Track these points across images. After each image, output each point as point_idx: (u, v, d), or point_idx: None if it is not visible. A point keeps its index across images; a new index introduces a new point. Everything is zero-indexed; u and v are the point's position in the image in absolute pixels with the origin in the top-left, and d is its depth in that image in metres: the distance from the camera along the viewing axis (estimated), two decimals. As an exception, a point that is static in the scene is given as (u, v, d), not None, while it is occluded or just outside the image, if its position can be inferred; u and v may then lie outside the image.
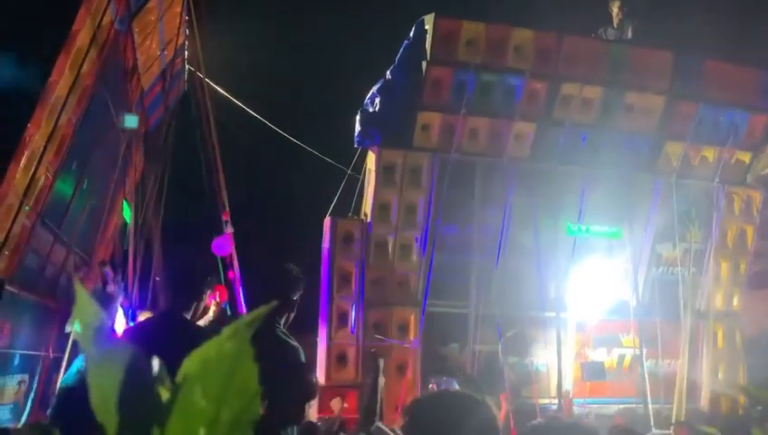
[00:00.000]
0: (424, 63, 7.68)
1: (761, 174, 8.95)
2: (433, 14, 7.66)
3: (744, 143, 8.84)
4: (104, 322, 0.54)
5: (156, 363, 0.54)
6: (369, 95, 8.00)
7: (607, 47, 8.20)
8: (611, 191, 8.38)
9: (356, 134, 7.96)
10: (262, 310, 0.55)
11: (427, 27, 7.72)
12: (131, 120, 5.31)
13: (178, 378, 0.52)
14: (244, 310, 8.42)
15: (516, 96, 7.96)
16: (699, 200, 8.85)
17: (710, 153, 8.84)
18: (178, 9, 8.08)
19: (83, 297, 0.55)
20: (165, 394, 0.52)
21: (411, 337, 7.93)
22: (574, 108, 8.16)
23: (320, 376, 7.87)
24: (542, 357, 8.53)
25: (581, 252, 8.47)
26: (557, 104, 8.11)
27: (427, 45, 7.69)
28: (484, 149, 8.02)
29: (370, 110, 7.93)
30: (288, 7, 10.68)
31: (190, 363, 0.52)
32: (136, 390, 0.52)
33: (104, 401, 0.52)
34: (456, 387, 6.40)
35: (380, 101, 7.86)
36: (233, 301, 8.42)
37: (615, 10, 8.59)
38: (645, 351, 8.54)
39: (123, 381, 0.52)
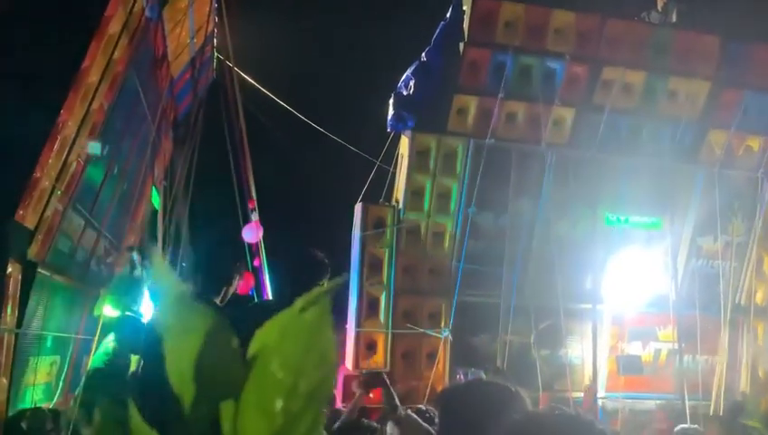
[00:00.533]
0: (461, 45, 7.44)
1: None
2: (471, -6, 7.41)
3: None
4: (184, 292, 0.53)
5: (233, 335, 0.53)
6: (403, 78, 7.79)
7: (651, 31, 7.88)
8: (652, 181, 8.11)
9: (389, 118, 7.76)
10: (337, 281, 0.55)
11: (464, 8, 7.48)
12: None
13: (252, 349, 0.51)
14: (270, 296, 8.38)
15: (556, 80, 7.69)
16: (742, 191, 8.54)
17: (755, 143, 8.51)
18: None
19: (162, 268, 0.54)
20: (238, 366, 0.51)
21: (442, 326, 7.75)
22: (615, 93, 7.87)
23: (348, 364, 7.77)
24: (576, 350, 8.31)
25: (619, 243, 8.21)
26: (598, 89, 7.83)
27: (465, 26, 7.44)
28: (521, 134, 7.77)
29: (404, 93, 7.72)
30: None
31: (266, 334, 0.52)
32: (215, 359, 0.50)
33: (180, 370, 0.51)
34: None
35: (415, 84, 7.64)
36: (258, 288, 8.39)
37: None
38: (683, 345, 8.27)
39: (202, 351, 0.50)
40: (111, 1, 4.76)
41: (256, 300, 7.75)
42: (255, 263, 8.46)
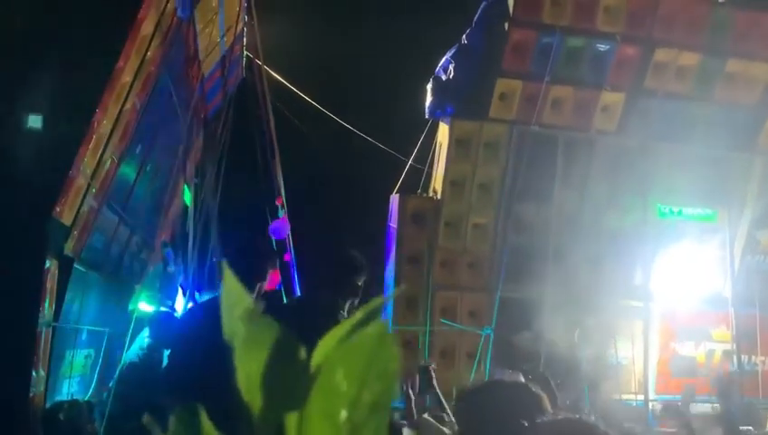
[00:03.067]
0: (505, 25, 7.02)
1: None
2: (518, -29, 6.99)
3: None
4: (251, 304, 0.55)
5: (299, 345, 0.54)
6: (442, 62, 7.40)
7: (709, 9, 7.37)
8: (706, 170, 7.62)
9: (427, 104, 7.39)
10: (379, 301, 0.55)
11: (509, -15, 7.06)
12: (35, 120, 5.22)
13: (316, 360, 0.54)
14: (299, 292, 8.16)
15: (605, 63, 7.24)
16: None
17: (819, 130, 7.97)
18: None
19: (231, 281, 0.57)
20: (304, 378, 0.53)
21: (483, 324, 7.36)
22: (668, 77, 7.39)
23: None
24: (625, 349, 7.86)
25: (671, 236, 7.74)
26: (649, 72, 7.36)
27: (509, 5, 7.03)
28: (568, 121, 7.33)
29: (443, 78, 7.33)
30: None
31: (329, 346, 0.54)
32: (282, 370, 0.53)
33: (250, 380, 0.54)
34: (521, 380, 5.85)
35: (455, 68, 7.25)
36: (287, 284, 8.19)
37: None
38: (739, 345, 7.79)
39: (270, 362, 0.53)
40: (145, 2, 4.88)
41: (284, 296, 7.52)
42: (286, 258, 8.34)
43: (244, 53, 9.35)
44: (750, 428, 6.02)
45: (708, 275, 7.90)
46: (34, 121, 4.37)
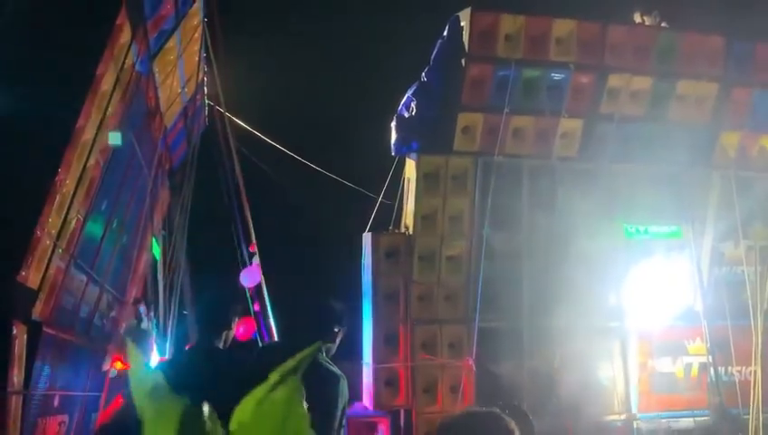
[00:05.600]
0: (462, 61, 7.21)
1: None
2: (469, 9, 7.21)
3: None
4: (159, 381, 0.58)
5: (207, 410, 0.57)
6: (403, 100, 7.55)
7: (654, 35, 7.69)
8: (668, 189, 7.85)
9: (393, 142, 7.50)
10: (306, 352, 0.58)
11: (462, 23, 7.27)
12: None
13: (232, 426, 0.56)
14: (275, 339, 8.08)
15: (562, 91, 7.46)
16: (761, 193, 8.26)
17: (768, 142, 8.28)
18: (197, 47, 8.40)
19: (136, 358, 0.62)
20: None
21: (464, 355, 7.36)
22: (623, 101, 7.64)
23: (366, 402, 7.39)
24: (605, 371, 7.92)
25: (640, 255, 7.89)
26: (604, 98, 7.60)
27: (465, 42, 7.23)
28: (530, 149, 7.50)
29: (406, 115, 7.47)
30: (304, 33, 10.50)
31: (243, 412, 0.56)
32: None
33: None
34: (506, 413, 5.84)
35: (417, 105, 7.39)
36: (261, 333, 8.12)
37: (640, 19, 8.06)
38: (715, 358, 7.91)
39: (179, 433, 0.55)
40: (103, 58, 4.88)
41: (260, 345, 7.44)
42: (255, 307, 8.28)
43: (206, 101, 9.41)
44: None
45: (679, 291, 8.05)
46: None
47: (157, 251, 8.77)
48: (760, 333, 7.94)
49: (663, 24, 7.99)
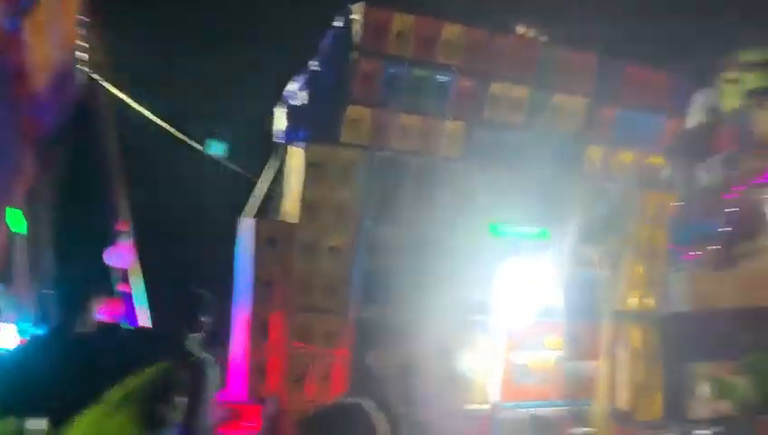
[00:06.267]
0: (353, 55, 7.27)
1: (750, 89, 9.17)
2: (362, 4, 7.28)
3: (658, 147, 9.10)
4: None
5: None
6: (292, 86, 7.49)
7: (536, 47, 8.13)
8: (539, 193, 8.33)
9: (281, 128, 7.43)
10: (148, 376, 0.93)
11: (355, 16, 7.32)
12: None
13: None
14: (141, 323, 7.79)
15: (447, 94, 7.71)
16: (618, 203, 9.00)
17: (628, 157, 9.02)
18: (74, 8, 7.72)
19: None
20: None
21: (338, 345, 7.46)
22: (503, 108, 8.03)
23: (237, 389, 7.30)
24: (469, 362, 8.32)
25: (509, 253, 8.35)
26: (487, 103, 7.95)
27: (356, 36, 7.29)
28: (415, 147, 7.71)
29: (294, 103, 7.43)
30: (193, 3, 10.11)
31: (76, 431, 0.81)
32: None
33: None
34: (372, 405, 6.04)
35: (305, 94, 7.37)
36: (129, 315, 7.80)
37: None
38: (568, 352, 8.54)
39: None
40: None
41: (124, 327, 7.15)
42: (124, 288, 7.92)
43: (82, 68, 8.82)
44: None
45: (543, 289, 8.59)
46: None
47: (17, 224, 8.14)
48: (608, 333, 8.70)
49: (543, 38, 8.47)
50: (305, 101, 7.36)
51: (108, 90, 8.27)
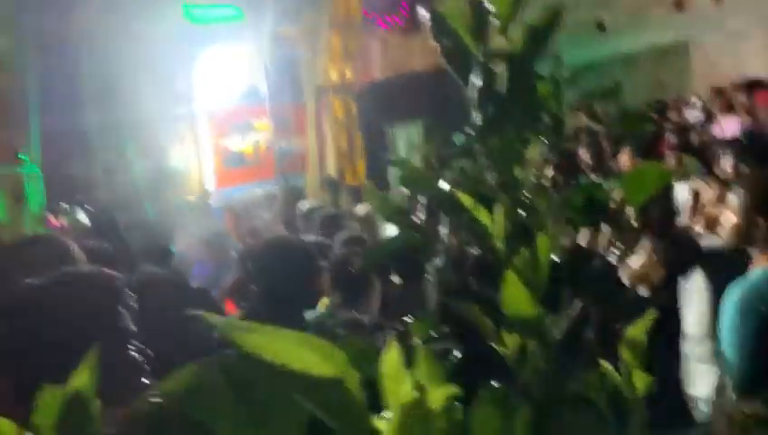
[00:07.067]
0: None
1: None
2: None
3: None
4: None
5: None
6: None
7: None
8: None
9: None
10: None
11: None
12: None
13: None
14: None
15: None
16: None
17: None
18: None
19: None
20: None
21: (23, 160, 6.69)
22: None
23: None
24: (179, 154, 8.14)
25: (205, 39, 7.90)
26: None
27: None
28: None
29: None
30: None
31: None
32: None
33: None
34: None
35: None
36: None
37: None
38: (277, 132, 8.74)
39: None
40: None
41: None
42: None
43: None
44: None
45: (244, 73, 8.43)
46: None
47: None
48: (313, 109, 8.99)
49: None
50: None
51: None
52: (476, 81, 0.55)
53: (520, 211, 0.57)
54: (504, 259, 0.56)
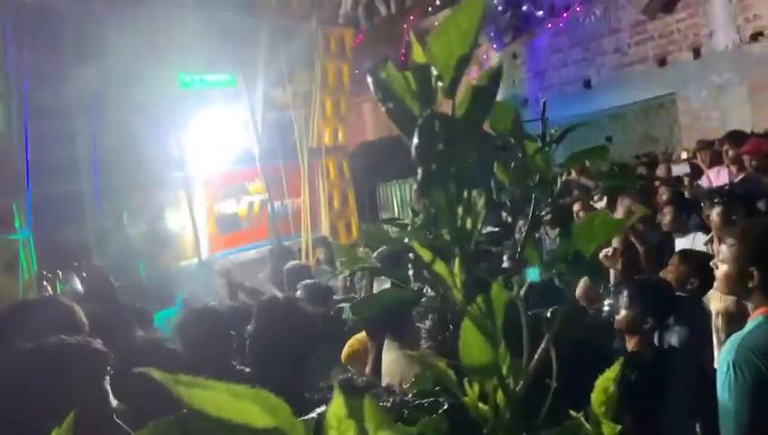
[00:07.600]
0: None
1: None
2: None
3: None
4: None
5: None
6: None
7: None
8: (221, 36, 7.96)
9: None
10: None
11: None
12: None
13: None
14: None
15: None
16: (301, 42, 9.04)
17: (306, -7, 8.97)
18: None
19: None
20: None
21: (18, 227, 6.70)
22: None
23: None
24: (174, 219, 8.16)
25: (198, 104, 8.04)
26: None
27: None
28: (70, -7, 6.72)
29: None
30: None
31: None
32: None
33: None
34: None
35: None
36: None
37: None
38: (271, 194, 8.81)
39: None
40: None
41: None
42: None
43: None
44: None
45: (237, 137, 8.54)
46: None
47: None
48: (306, 168, 9.09)
49: None
50: None
51: None
52: (416, 139, 0.58)
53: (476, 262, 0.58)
54: (463, 309, 0.57)
